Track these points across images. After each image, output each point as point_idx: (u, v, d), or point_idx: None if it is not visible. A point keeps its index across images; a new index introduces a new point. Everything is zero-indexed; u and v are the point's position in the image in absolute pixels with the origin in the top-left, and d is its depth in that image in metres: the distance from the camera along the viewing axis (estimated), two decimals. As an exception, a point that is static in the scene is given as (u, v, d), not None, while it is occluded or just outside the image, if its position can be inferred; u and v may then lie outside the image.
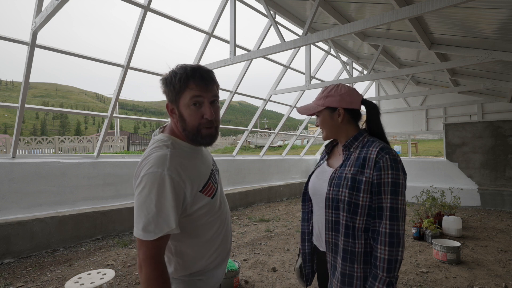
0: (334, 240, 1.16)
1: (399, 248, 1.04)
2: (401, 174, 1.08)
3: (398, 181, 1.07)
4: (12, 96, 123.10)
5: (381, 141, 1.17)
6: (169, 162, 0.96)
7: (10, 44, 20.16)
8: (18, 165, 4.14)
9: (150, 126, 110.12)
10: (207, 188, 1.06)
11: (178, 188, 0.95)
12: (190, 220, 1.05)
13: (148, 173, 0.94)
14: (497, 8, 2.87)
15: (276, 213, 6.40)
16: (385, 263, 1.04)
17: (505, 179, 6.76)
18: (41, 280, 3.15)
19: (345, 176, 1.14)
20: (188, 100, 0.99)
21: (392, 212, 1.05)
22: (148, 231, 0.91)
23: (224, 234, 1.17)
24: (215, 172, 1.19)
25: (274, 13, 5.04)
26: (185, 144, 1.07)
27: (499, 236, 4.64)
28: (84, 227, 4.32)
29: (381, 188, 1.07)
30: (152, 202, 0.91)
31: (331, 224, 1.16)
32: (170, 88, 1.00)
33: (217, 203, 1.12)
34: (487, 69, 5.14)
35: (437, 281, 3.12)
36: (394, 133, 8.97)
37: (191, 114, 1.00)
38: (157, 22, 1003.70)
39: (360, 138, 1.21)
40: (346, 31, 3.13)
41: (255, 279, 3.23)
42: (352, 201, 1.10)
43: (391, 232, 1.04)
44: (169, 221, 0.92)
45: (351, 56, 7.10)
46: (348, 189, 1.11)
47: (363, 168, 1.11)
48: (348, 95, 1.22)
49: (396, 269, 1.04)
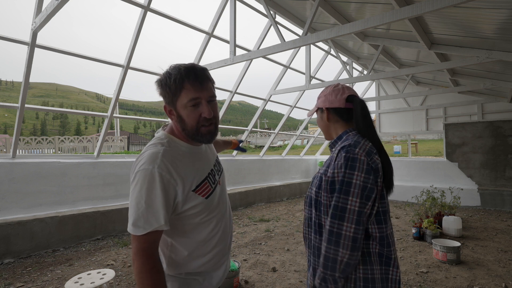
0: (308, 235, 1.20)
1: (338, 248, 1.01)
2: (357, 173, 1.03)
3: (351, 181, 1.02)
4: (12, 96, 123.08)
5: (353, 140, 1.11)
6: (160, 160, 0.97)
7: (10, 44, 20.18)
8: (18, 165, 4.14)
9: (150, 126, 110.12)
10: (201, 188, 1.06)
11: (169, 185, 0.97)
12: (181, 219, 1.05)
13: (140, 169, 0.97)
14: (497, 8, 2.87)
15: (276, 213, 6.40)
16: (322, 258, 1.05)
17: (505, 179, 6.76)
18: (41, 280, 3.15)
19: (318, 175, 1.18)
20: (185, 101, 0.99)
21: (336, 211, 1.03)
22: (137, 226, 0.93)
23: (221, 235, 1.16)
24: (215, 172, 1.19)
25: (274, 13, 5.04)
26: (183, 143, 1.09)
27: (499, 236, 4.64)
28: (84, 227, 4.32)
29: (334, 187, 1.07)
30: (143, 198, 0.94)
31: (308, 220, 1.21)
32: (166, 90, 1.01)
33: (212, 204, 1.11)
34: (487, 69, 5.14)
35: (437, 281, 3.12)
36: (394, 133, 8.97)
37: (189, 115, 1.01)
38: (157, 22, 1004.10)
39: (343, 137, 1.21)
40: (346, 31, 3.13)
41: (255, 279, 3.23)
42: (318, 199, 1.13)
43: (331, 230, 1.03)
44: (158, 217, 0.94)
45: (351, 56, 7.10)
46: (316, 188, 1.15)
47: (328, 167, 1.13)
48: (331, 94, 1.24)
49: (335, 269, 1.01)
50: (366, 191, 1.03)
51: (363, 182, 1.03)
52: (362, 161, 1.04)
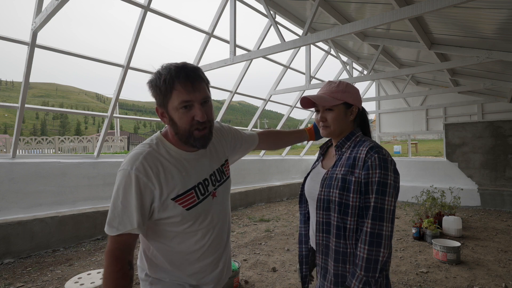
0: (325, 242, 1.14)
1: (380, 248, 1.01)
2: (390, 174, 1.05)
3: (386, 181, 1.04)
4: (12, 96, 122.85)
5: (372, 141, 1.15)
6: (140, 162, 0.95)
7: (10, 44, 20.11)
8: (18, 165, 4.14)
9: (150, 126, 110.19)
10: (183, 198, 1.00)
11: (145, 188, 0.94)
12: (159, 225, 1.01)
13: (120, 169, 0.96)
14: (497, 8, 2.87)
15: (276, 213, 6.40)
16: (363, 261, 1.02)
17: (505, 179, 6.76)
18: (41, 280, 3.14)
19: (336, 177, 1.12)
20: (176, 104, 0.94)
21: (376, 212, 1.03)
22: (112, 226, 0.92)
23: (208, 250, 1.08)
24: (211, 182, 1.10)
25: (274, 13, 5.03)
26: (173, 148, 1.03)
27: (499, 236, 4.64)
28: (84, 227, 4.31)
29: (368, 188, 1.05)
30: (119, 198, 0.93)
31: (322, 225, 1.15)
32: (157, 92, 0.96)
33: (195, 216, 1.03)
34: (487, 69, 5.13)
35: (437, 281, 3.12)
36: (394, 133, 8.97)
37: (181, 118, 0.96)
38: (157, 22, 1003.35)
39: (352, 138, 1.20)
40: (346, 31, 3.12)
41: (255, 279, 3.22)
42: (342, 201, 1.09)
43: (372, 231, 1.02)
44: (132, 220, 0.92)
45: (351, 56, 7.09)
46: (338, 190, 1.09)
47: (353, 168, 1.10)
48: (356, 92, 1.22)
49: (376, 270, 1.01)
50: (396, 190, 1.07)
51: (394, 181, 1.06)
52: (391, 161, 1.08)
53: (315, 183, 1.23)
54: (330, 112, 1.19)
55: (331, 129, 1.21)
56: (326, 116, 1.20)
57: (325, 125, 1.22)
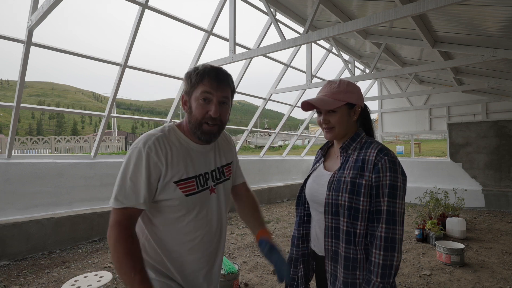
0: (334, 247, 1.11)
1: (394, 253, 1.00)
2: (399, 176, 1.05)
3: (396, 184, 1.04)
4: (8, 95, 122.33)
5: (379, 142, 1.13)
6: (152, 142, 1.02)
7: (6, 42, 20.31)
8: (14, 165, 4.09)
9: (148, 126, 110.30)
10: (184, 184, 1.06)
11: (155, 166, 1.00)
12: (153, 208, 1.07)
13: (132, 148, 1.03)
14: (502, 6, 2.83)
15: (277, 214, 6.34)
16: (379, 268, 1.00)
17: (510, 180, 6.67)
18: (37, 283, 3.10)
19: (344, 180, 1.09)
20: (199, 94, 1.04)
21: (389, 216, 1.02)
22: (117, 199, 0.97)
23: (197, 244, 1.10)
24: (211, 177, 1.15)
25: (274, 11, 4.99)
26: (184, 137, 1.11)
27: (504, 238, 4.57)
28: (81, 228, 4.26)
29: (379, 191, 1.04)
30: (128, 173, 0.99)
31: (331, 230, 1.12)
32: (188, 81, 1.07)
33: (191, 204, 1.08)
34: (491, 68, 5.07)
35: (440, 284, 3.06)
36: (397, 133, 8.89)
37: (197, 107, 1.04)
38: (154, 20, 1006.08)
39: (357, 139, 1.17)
40: (348, 29, 3.09)
41: (255, 281, 3.17)
42: (352, 205, 1.06)
43: (387, 236, 1.00)
44: (139, 195, 0.98)
45: (353, 54, 7.04)
46: (348, 194, 1.07)
47: (362, 171, 1.07)
48: (358, 91, 1.19)
49: (392, 275, 1.00)
50: (404, 192, 1.07)
51: (403, 183, 1.06)
52: (399, 163, 1.08)
53: (319, 186, 1.19)
54: (333, 114, 1.16)
55: (335, 132, 1.18)
56: (329, 118, 1.17)
57: (328, 128, 1.18)
